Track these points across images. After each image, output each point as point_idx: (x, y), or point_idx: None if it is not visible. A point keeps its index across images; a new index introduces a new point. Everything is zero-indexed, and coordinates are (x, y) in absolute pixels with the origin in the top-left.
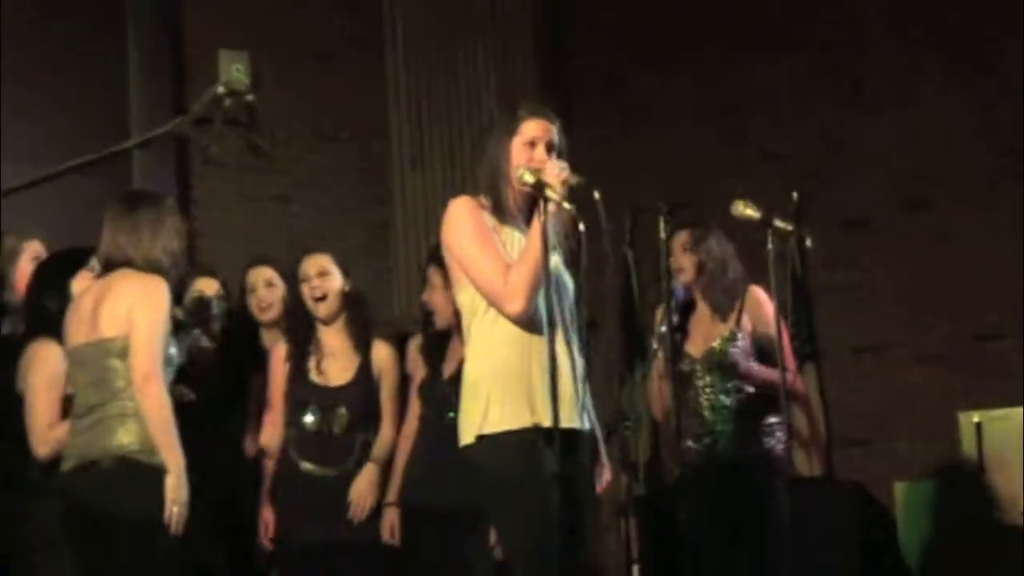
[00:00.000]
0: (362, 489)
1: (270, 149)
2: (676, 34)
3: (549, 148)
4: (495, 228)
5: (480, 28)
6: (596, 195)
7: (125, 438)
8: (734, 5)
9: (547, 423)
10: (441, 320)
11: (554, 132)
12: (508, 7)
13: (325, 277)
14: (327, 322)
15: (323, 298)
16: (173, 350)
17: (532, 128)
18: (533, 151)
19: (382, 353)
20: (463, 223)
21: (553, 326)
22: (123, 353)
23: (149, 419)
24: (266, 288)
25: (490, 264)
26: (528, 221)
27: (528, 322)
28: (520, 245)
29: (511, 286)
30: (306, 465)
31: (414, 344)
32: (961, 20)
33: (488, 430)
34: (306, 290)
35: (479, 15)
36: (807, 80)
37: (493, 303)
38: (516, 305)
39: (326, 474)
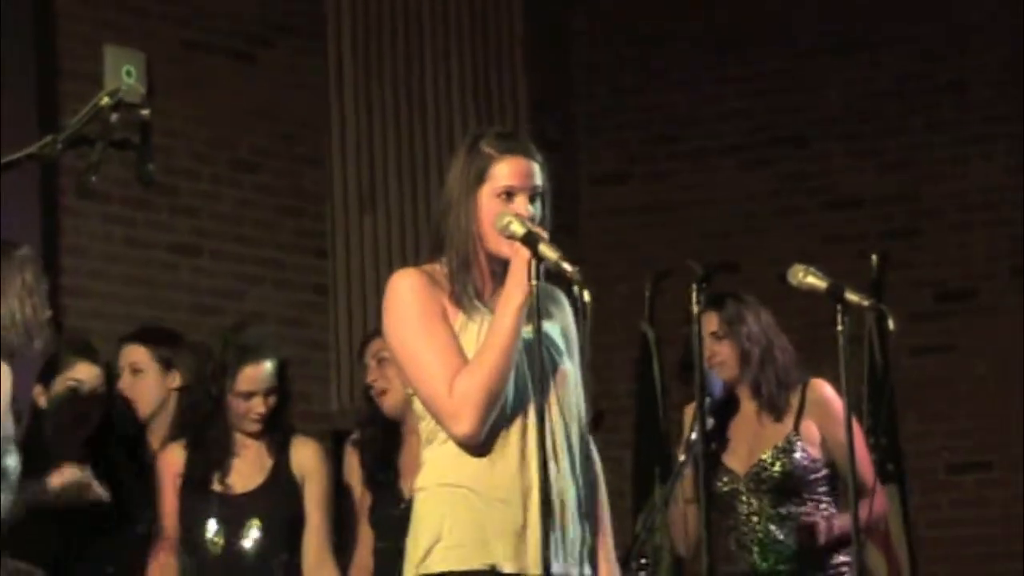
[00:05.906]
0: None
1: (169, 180)
2: (714, 34)
3: (532, 197)
4: (452, 314)
5: (457, 21)
6: (586, 295)
7: None
8: None
9: (509, 567)
10: (391, 406)
11: (537, 174)
12: None
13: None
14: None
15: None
16: (11, 461)
17: (506, 172)
18: (511, 204)
19: (305, 452)
20: (404, 306)
21: (547, 436)
22: None
23: None
24: (131, 374)
25: (434, 364)
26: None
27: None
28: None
29: (457, 397)
30: None
31: (353, 447)
32: None
33: (428, 569)
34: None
35: (455, 4)
36: (891, 94)
37: (436, 418)
38: (462, 425)
39: None
